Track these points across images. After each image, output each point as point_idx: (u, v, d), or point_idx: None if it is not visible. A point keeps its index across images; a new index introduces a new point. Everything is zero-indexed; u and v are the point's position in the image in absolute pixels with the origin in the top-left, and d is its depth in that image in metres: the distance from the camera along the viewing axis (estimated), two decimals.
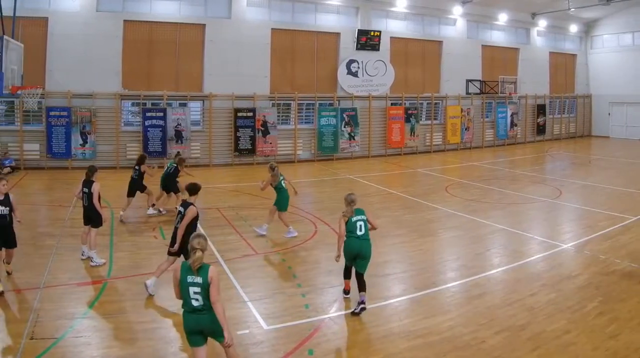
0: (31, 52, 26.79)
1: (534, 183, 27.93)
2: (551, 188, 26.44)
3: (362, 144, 38.53)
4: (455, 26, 43.58)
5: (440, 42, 42.85)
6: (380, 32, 38.69)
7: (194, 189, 12.63)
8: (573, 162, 37.52)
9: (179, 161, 20.76)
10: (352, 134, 37.67)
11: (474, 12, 43.53)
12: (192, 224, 12.20)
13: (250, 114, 33.99)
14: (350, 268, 12.31)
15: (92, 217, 14.59)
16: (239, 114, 33.72)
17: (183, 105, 32.93)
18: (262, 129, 34.27)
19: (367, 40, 38.27)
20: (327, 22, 37.82)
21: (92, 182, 14.60)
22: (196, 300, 8.11)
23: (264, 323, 10.97)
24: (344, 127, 37.29)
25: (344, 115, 37.26)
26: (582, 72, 54.32)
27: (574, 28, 51.93)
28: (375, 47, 38.67)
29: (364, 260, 11.95)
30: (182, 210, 12.27)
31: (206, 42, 33.41)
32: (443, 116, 42.81)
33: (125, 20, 31.30)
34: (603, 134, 53.45)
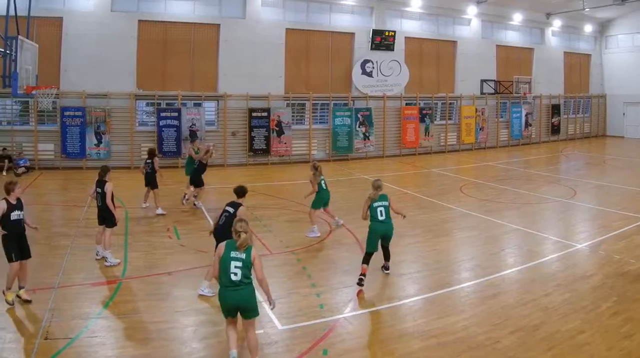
0: (46, 52, 26.96)
1: (548, 183, 27.84)
2: (566, 188, 26.34)
3: (376, 143, 38.50)
4: (469, 26, 43.48)
5: (455, 42, 42.75)
6: (394, 32, 38.66)
7: (242, 191, 13.32)
8: (587, 162, 37.33)
9: (204, 152, 21.75)
10: (367, 134, 37.65)
11: (489, 12, 43.39)
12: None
13: (265, 114, 34.04)
14: (370, 256, 13.43)
15: (106, 217, 14.64)
16: (254, 114, 33.76)
17: (198, 105, 32.99)
18: (277, 129, 34.32)
19: (382, 40, 38.25)
20: (342, 22, 37.80)
21: (105, 182, 14.64)
22: (235, 275, 8.92)
23: (278, 323, 10.96)
24: (359, 127, 37.29)
25: (359, 115, 37.26)
26: (597, 72, 54.05)
27: (588, 28, 51.72)
28: (389, 47, 38.64)
29: (388, 238, 13.82)
30: (231, 210, 12.67)
31: (221, 42, 33.47)
32: (457, 116, 42.72)
33: (139, 20, 31.42)
34: (618, 133, 53.14)
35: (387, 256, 14.02)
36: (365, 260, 13.36)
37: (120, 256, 14.88)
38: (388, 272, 13.96)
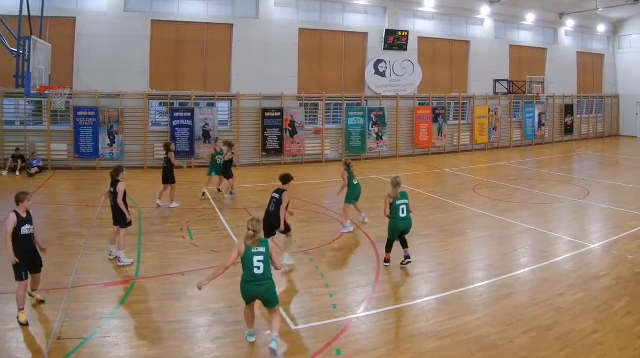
0: (59, 52, 27.12)
1: (561, 183, 27.75)
2: (579, 188, 26.25)
3: (389, 143, 38.51)
4: (483, 26, 43.38)
5: (468, 42, 42.68)
6: (407, 32, 38.65)
7: (286, 178, 14.79)
8: (601, 162, 37.21)
9: (230, 146, 23.45)
10: (380, 134, 37.65)
11: (502, 12, 43.33)
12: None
13: (278, 114, 34.08)
14: (392, 243, 14.63)
15: (118, 218, 14.69)
16: (267, 114, 33.82)
17: (211, 105, 33.10)
18: (290, 129, 34.34)
19: (395, 40, 38.24)
20: (355, 22, 37.83)
21: (118, 181, 14.67)
22: (258, 268, 9.59)
23: (291, 324, 10.98)
24: (372, 127, 37.30)
25: (372, 115, 37.27)
26: (610, 72, 53.91)
27: (601, 28, 51.54)
28: (402, 47, 38.61)
29: (407, 232, 14.63)
30: (277, 196, 14.38)
31: (234, 42, 33.54)
32: (471, 116, 42.66)
33: (153, 20, 31.53)
34: (631, 133, 52.97)
35: (405, 244, 14.59)
36: (388, 249, 14.64)
37: (133, 256, 14.92)
38: (410, 260, 14.40)
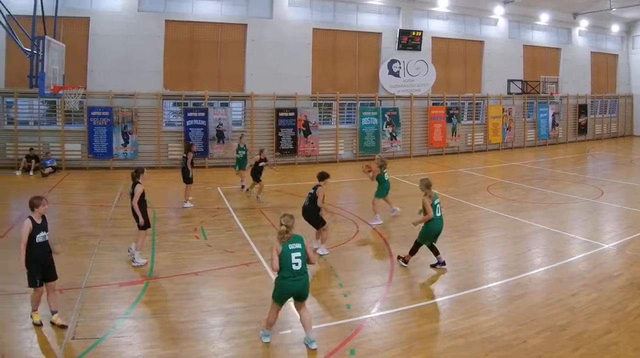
0: (73, 52, 27.11)
1: (575, 183, 27.66)
2: (593, 188, 26.16)
3: (403, 143, 38.51)
4: (496, 26, 43.27)
5: (482, 42, 42.58)
6: (421, 32, 38.62)
7: (322, 176, 15.68)
8: (614, 162, 37.11)
9: (260, 151, 23.56)
10: (394, 134, 37.64)
11: (516, 12, 43.22)
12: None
13: (292, 114, 34.14)
14: (420, 247, 14.48)
15: (135, 219, 14.71)
16: (281, 114, 33.89)
17: (225, 105, 33.19)
18: (304, 128, 34.38)
19: (409, 40, 38.23)
20: (369, 22, 37.82)
21: (137, 183, 14.67)
22: (296, 265, 9.85)
23: None
24: (386, 127, 37.30)
25: (386, 115, 37.28)
26: (624, 72, 53.68)
27: (615, 28, 51.35)
28: (416, 47, 38.59)
29: (439, 234, 14.55)
30: (312, 191, 15.41)
31: (248, 42, 33.60)
32: (484, 116, 42.57)
33: (166, 20, 31.66)
34: None
35: (436, 251, 14.58)
36: (414, 252, 14.51)
37: (147, 256, 14.98)
38: (445, 266, 14.46)
